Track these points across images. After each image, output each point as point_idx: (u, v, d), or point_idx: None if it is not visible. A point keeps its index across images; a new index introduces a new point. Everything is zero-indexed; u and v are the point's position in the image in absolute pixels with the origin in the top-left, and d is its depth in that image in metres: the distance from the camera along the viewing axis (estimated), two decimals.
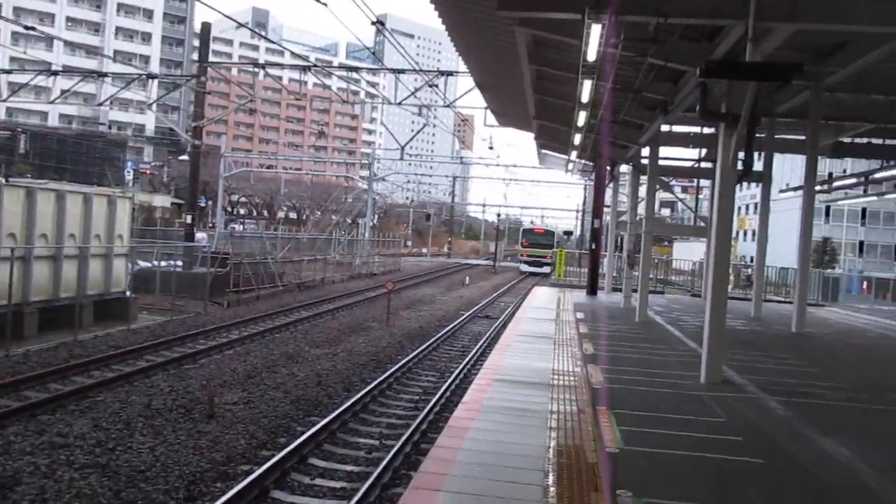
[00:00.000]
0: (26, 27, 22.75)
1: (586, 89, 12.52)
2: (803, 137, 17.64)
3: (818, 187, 22.33)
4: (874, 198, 32.66)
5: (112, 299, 18.37)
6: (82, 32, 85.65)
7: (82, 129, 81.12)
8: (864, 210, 65.51)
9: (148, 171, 72.53)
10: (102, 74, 31.35)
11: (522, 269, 51.58)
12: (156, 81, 36.22)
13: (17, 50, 50.89)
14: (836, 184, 25.66)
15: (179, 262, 24.49)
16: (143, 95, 41.04)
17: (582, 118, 15.37)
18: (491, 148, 43.34)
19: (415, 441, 9.44)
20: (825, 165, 36.19)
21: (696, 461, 6.64)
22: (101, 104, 44.60)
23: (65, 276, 16.67)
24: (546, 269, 45.17)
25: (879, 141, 20.65)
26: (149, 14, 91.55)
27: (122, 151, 75.67)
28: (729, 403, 8.92)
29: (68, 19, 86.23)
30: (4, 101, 31.54)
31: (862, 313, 24.28)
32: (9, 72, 30.97)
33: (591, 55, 10.15)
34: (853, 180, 24.87)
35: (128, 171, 66.69)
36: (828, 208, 60.58)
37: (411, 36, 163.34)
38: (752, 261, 31.50)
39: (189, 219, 27.51)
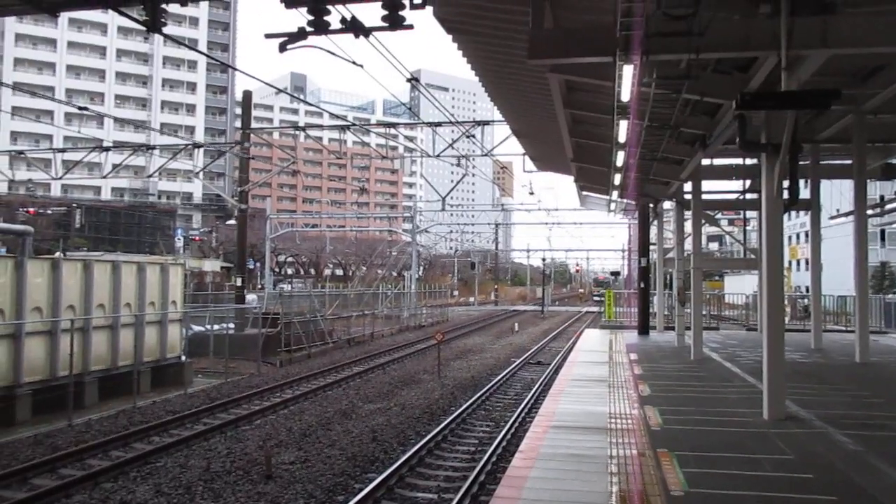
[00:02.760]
0: (79, 108, 23.79)
1: (622, 130, 12.55)
2: (850, 162, 17.30)
3: (870, 211, 21.82)
4: None
5: (168, 365, 18.77)
6: (130, 109, 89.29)
7: (133, 200, 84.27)
8: None
9: (197, 238, 74.48)
10: (151, 147, 32.52)
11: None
12: (201, 150, 37.46)
13: (70, 130, 53.28)
14: (888, 206, 24.99)
15: (231, 325, 24.96)
16: (189, 164, 42.35)
17: (620, 158, 15.34)
18: (531, 193, 43.38)
19: (473, 493, 9.32)
20: (875, 188, 35.29)
21: (765, 502, 6.41)
22: (150, 176, 46.16)
23: (122, 344, 17.15)
24: None
25: None
26: (192, 87, 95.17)
27: (171, 220, 78.41)
28: (796, 439, 8.63)
29: (117, 97, 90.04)
30: (60, 178, 32.81)
31: None
32: (63, 150, 32.27)
33: (625, 96, 10.19)
34: None
35: (178, 239, 68.70)
36: (882, 231, 58.83)
37: (446, 89, 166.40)
38: (807, 290, 30.65)
39: (239, 281, 28.04)
